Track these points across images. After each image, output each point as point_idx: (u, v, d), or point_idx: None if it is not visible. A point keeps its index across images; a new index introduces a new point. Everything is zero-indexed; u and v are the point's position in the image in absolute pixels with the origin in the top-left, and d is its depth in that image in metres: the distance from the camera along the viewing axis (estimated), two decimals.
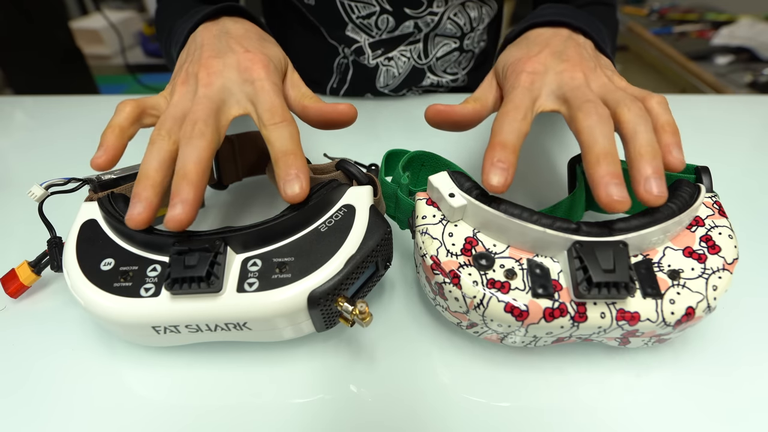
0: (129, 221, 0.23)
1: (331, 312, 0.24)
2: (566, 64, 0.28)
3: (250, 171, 0.41)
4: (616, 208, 0.22)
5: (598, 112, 0.25)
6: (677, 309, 0.22)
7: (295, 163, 0.25)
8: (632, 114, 0.25)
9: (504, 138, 0.25)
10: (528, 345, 0.25)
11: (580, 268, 0.22)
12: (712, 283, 0.23)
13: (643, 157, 0.23)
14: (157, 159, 0.24)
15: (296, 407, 0.25)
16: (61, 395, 0.25)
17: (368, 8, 0.50)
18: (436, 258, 0.24)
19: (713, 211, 0.26)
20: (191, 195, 0.23)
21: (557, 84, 0.27)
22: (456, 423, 0.24)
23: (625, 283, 0.21)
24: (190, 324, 0.23)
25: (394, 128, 0.51)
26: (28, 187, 0.28)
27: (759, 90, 1.25)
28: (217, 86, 0.27)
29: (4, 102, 0.58)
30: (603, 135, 0.24)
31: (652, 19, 1.82)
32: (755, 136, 0.50)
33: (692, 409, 0.24)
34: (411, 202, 0.28)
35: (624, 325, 0.22)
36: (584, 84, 0.27)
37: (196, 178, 0.23)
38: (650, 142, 0.24)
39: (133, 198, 0.23)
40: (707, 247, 0.24)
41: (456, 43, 0.55)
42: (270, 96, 0.27)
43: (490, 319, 0.23)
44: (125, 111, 0.27)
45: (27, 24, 1.23)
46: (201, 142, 0.24)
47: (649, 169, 0.23)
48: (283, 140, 0.25)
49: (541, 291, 0.22)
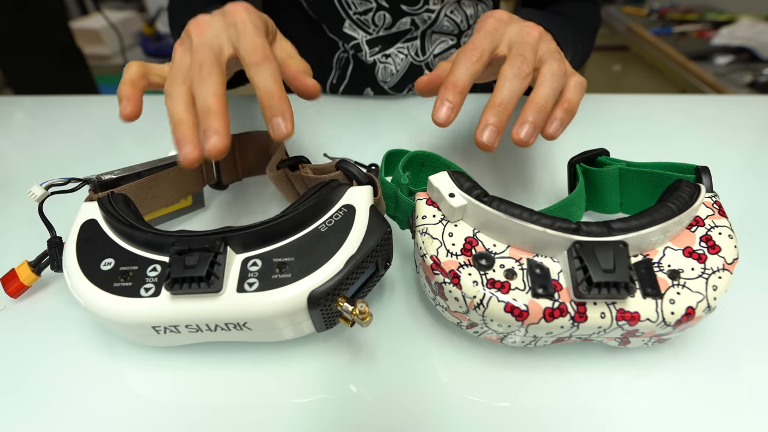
0: (184, 161, 0.23)
1: (331, 312, 0.24)
2: (530, 24, 0.31)
3: (250, 171, 0.41)
4: (483, 148, 0.26)
5: (521, 68, 0.27)
6: (677, 309, 0.22)
7: (279, 104, 0.25)
8: (548, 71, 0.28)
9: (456, 78, 0.27)
10: (528, 345, 0.25)
11: (580, 268, 0.22)
12: (712, 283, 0.23)
13: (532, 104, 0.27)
14: (181, 102, 0.25)
15: (296, 407, 0.25)
16: (61, 395, 0.25)
17: (365, 4, 0.51)
18: (436, 258, 0.24)
19: (713, 211, 0.26)
20: (220, 124, 0.24)
21: (515, 33, 0.30)
22: (456, 423, 0.24)
23: (625, 283, 0.21)
24: (190, 324, 0.23)
25: (394, 128, 0.51)
26: (28, 187, 0.28)
27: (759, 90, 1.25)
28: (208, 34, 0.28)
29: (4, 102, 0.58)
30: (509, 89, 0.27)
31: (652, 19, 1.81)
32: (755, 136, 0.50)
33: (692, 409, 0.24)
34: (411, 202, 0.28)
35: (624, 325, 0.22)
36: (533, 43, 0.29)
37: (219, 109, 0.24)
38: (546, 97, 0.27)
39: (180, 143, 0.24)
40: (707, 247, 0.24)
41: (453, 40, 0.56)
42: (251, 36, 0.27)
43: (490, 319, 0.23)
44: (131, 68, 0.28)
45: (27, 24, 1.23)
46: (212, 78, 0.25)
47: (530, 116, 0.27)
48: (265, 81, 0.26)
49: (541, 291, 0.22)
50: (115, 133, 0.51)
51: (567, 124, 0.28)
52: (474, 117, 0.51)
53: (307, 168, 0.32)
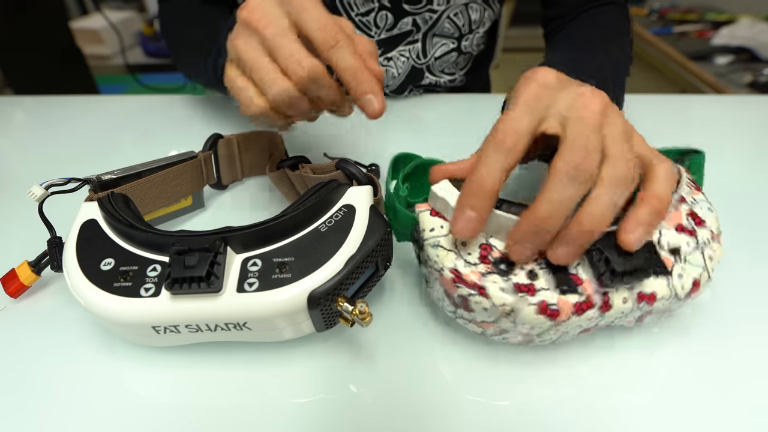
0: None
1: (331, 312, 0.24)
2: (587, 92, 0.23)
3: (250, 171, 0.41)
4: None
5: (580, 167, 0.20)
6: (685, 283, 0.23)
7: (367, 79, 0.25)
8: (611, 175, 0.21)
9: (481, 178, 0.21)
10: (556, 341, 0.25)
11: (600, 259, 0.22)
12: (707, 255, 0.24)
13: (578, 227, 0.21)
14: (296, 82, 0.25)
15: (296, 407, 0.25)
16: (61, 395, 0.25)
17: (367, 5, 0.51)
18: (455, 271, 0.23)
19: (689, 188, 0.27)
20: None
21: (568, 105, 0.23)
22: (457, 422, 0.24)
23: (644, 268, 0.22)
24: (190, 324, 0.23)
25: (394, 128, 0.51)
26: (28, 187, 0.28)
27: (759, 90, 1.25)
28: (263, 14, 0.26)
29: (4, 102, 0.58)
30: (560, 198, 0.21)
31: (652, 19, 1.81)
32: (755, 136, 0.50)
33: (699, 406, 0.24)
34: (410, 215, 0.27)
35: (643, 307, 0.23)
36: (594, 122, 0.22)
37: (334, 85, 0.25)
38: (597, 217, 0.21)
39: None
40: (694, 221, 0.25)
41: (454, 43, 0.56)
42: (314, 12, 0.25)
43: (522, 323, 0.23)
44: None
45: (27, 24, 1.23)
46: (304, 58, 0.25)
47: (573, 241, 0.21)
48: (345, 59, 0.25)
49: (567, 287, 0.23)
50: (115, 133, 0.51)
51: (653, 229, 0.22)
52: (483, 114, 0.50)
53: (307, 168, 0.32)
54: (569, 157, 0.21)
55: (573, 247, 0.21)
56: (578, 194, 0.21)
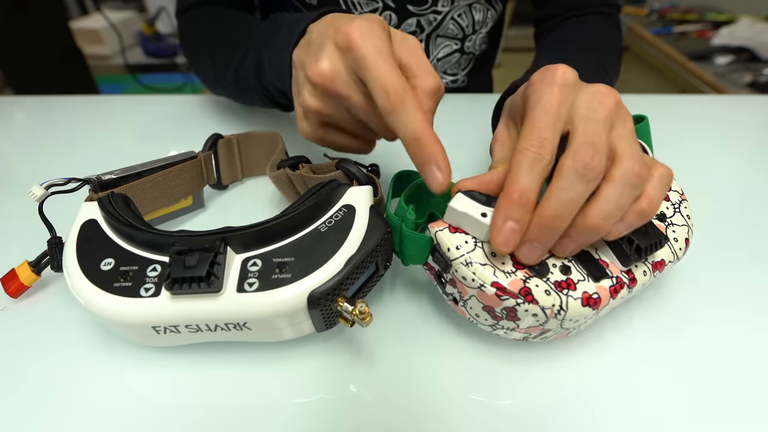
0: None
1: (331, 312, 0.24)
2: (602, 90, 0.23)
3: (250, 171, 0.41)
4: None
5: (588, 165, 0.20)
6: (680, 243, 0.26)
7: (430, 149, 0.22)
8: (622, 174, 0.21)
9: (522, 188, 0.21)
10: (590, 326, 0.26)
11: (626, 239, 0.23)
12: (685, 213, 0.27)
13: (584, 224, 0.21)
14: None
15: (296, 407, 0.25)
16: (60, 395, 0.25)
17: (371, 5, 0.51)
18: (498, 284, 0.22)
19: None
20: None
21: (584, 105, 0.22)
22: (457, 422, 0.24)
23: (659, 240, 0.24)
24: (190, 324, 0.23)
25: None
26: (28, 187, 0.28)
27: (759, 90, 1.25)
28: (328, 69, 0.25)
29: (4, 102, 0.58)
30: (568, 196, 0.20)
31: (652, 19, 1.81)
32: (755, 136, 0.50)
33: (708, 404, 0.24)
34: (425, 237, 0.25)
35: (657, 274, 0.25)
36: (605, 121, 0.22)
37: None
38: (606, 216, 0.21)
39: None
40: None
41: (457, 44, 0.56)
42: (376, 71, 0.23)
43: (569, 319, 0.23)
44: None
45: (27, 24, 1.23)
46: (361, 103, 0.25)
47: (577, 238, 0.22)
48: (405, 126, 0.23)
49: (598, 273, 0.23)
50: (115, 133, 0.51)
51: (635, 228, 0.23)
52: (485, 114, 0.50)
53: (307, 168, 0.32)
54: (579, 155, 0.21)
55: (578, 244, 0.23)
56: (587, 193, 0.21)
